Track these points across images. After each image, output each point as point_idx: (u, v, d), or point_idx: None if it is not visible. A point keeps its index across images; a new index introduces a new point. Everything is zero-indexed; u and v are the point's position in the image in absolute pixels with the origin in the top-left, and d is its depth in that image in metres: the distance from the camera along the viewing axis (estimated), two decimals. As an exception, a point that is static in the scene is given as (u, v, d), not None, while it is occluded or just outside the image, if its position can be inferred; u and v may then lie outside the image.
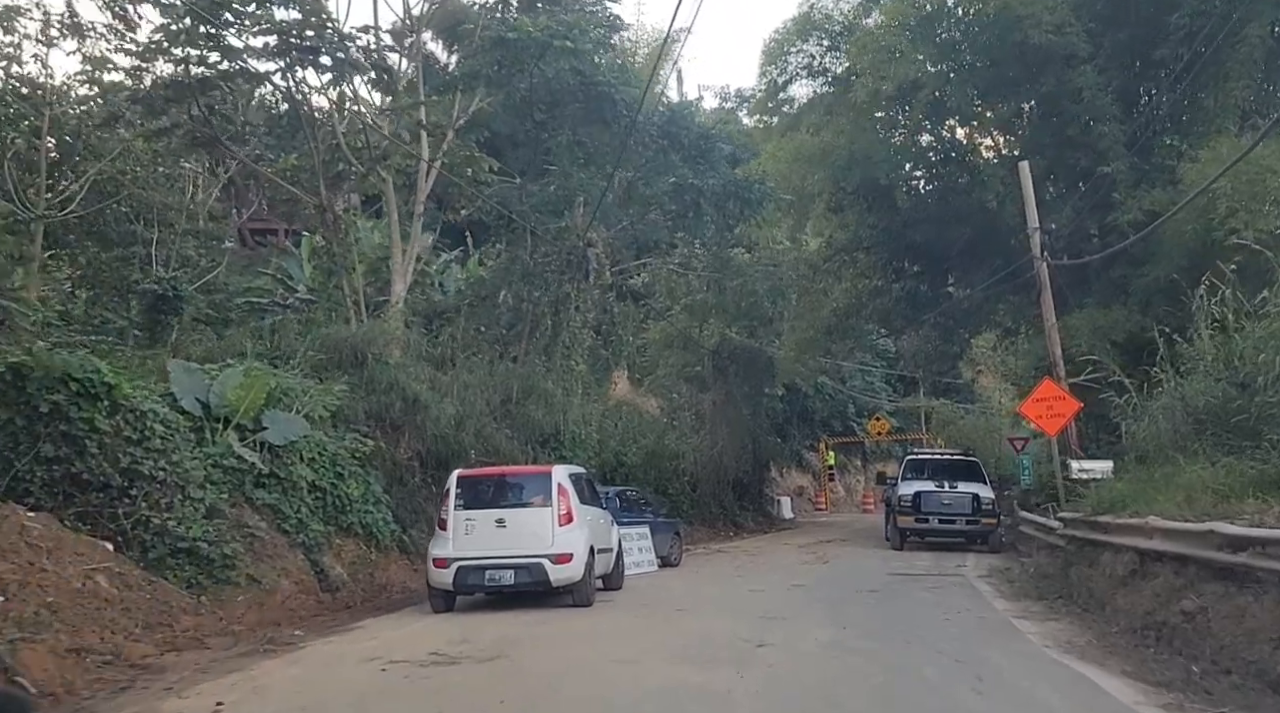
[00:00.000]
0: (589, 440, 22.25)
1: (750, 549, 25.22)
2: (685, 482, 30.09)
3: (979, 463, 25.54)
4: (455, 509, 13.54)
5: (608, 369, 41.43)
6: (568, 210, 23.16)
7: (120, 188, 22.11)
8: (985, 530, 23.17)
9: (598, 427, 25.02)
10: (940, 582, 16.77)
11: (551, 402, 21.06)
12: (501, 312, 23.32)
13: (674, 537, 20.51)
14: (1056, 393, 23.39)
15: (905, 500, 23.47)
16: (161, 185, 24.62)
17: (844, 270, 29.74)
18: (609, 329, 27.53)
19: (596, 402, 29.77)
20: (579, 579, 13.40)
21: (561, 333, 22.20)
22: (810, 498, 46.14)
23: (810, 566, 20.53)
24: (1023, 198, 24.32)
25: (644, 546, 18.97)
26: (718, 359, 31.54)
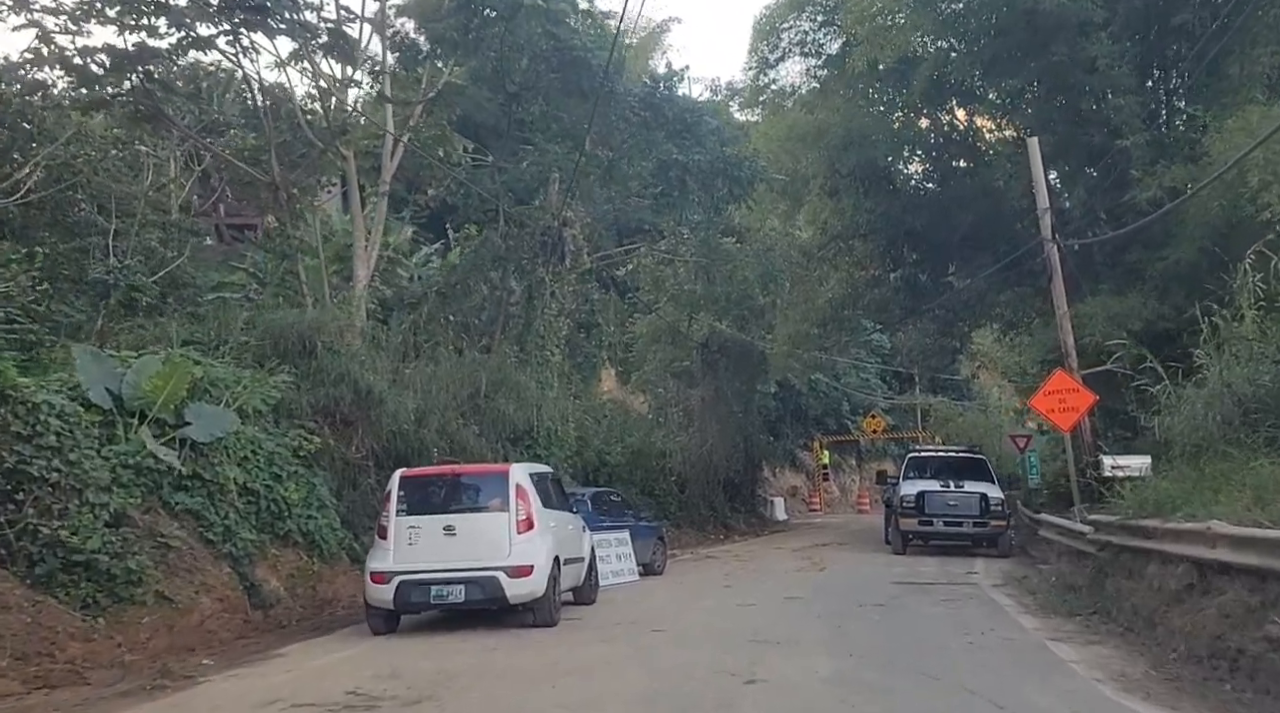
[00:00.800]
0: (566, 438, 20.27)
1: (741, 554, 23.27)
2: (673, 482, 28.16)
3: (986, 461, 23.61)
4: (397, 515, 11.57)
5: (595, 367, 39.67)
6: (542, 189, 21.19)
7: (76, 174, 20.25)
8: (994, 533, 21.25)
9: (577, 423, 23.05)
10: (952, 593, 14.83)
11: (524, 396, 19.07)
12: (474, 300, 21.36)
13: (657, 542, 18.56)
14: (1070, 385, 21.54)
15: (907, 501, 21.54)
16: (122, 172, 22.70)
17: (839, 258, 27.82)
18: (589, 319, 25.45)
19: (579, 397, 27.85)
20: (540, 595, 11.43)
21: (535, 321, 20.23)
22: (804, 498, 44.21)
23: (806, 573, 18.58)
24: (1031, 177, 22.45)
25: (623, 553, 17.01)
26: (707, 353, 29.61)
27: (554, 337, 20.43)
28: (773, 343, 30.61)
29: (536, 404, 19.22)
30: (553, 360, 20.25)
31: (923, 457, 23.81)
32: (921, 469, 23.16)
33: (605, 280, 26.97)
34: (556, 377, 20.51)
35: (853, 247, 27.74)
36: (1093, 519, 13.24)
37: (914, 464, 23.31)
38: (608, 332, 25.77)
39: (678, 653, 9.66)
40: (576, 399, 27.09)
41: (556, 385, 20.64)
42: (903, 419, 48.28)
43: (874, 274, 28.60)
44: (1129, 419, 22.49)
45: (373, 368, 17.34)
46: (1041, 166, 22.34)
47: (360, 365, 16.63)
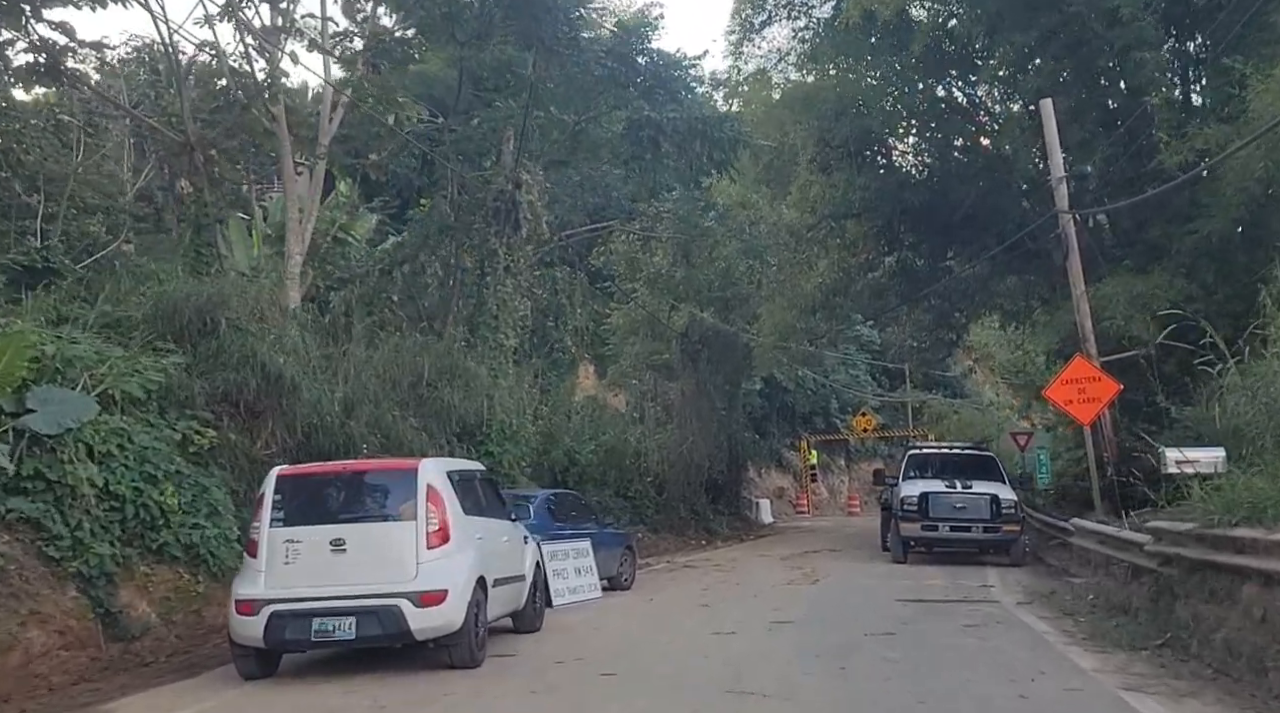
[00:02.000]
0: (523, 433, 17.51)
1: (723, 562, 20.54)
2: (649, 483, 25.42)
3: (995, 458, 20.94)
4: (272, 526, 8.79)
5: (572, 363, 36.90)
6: (495, 150, 18.39)
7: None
8: (1007, 539, 18.58)
9: (543, 419, 20.38)
10: (973, 614, 12.13)
11: (474, 384, 16.30)
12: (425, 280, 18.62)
13: (625, 552, 15.82)
14: (1090, 373, 18.95)
15: (909, 504, 18.85)
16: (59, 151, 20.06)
17: (830, 240, 25.12)
18: (554, 301, 22.58)
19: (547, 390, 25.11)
20: (458, 628, 8.67)
21: (488, 300, 17.48)
22: (791, 500, 41.49)
23: (796, 587, 15.88)
24: (1044, 143, 19.86)
25: (583, 565, 14.26)
26: (687, 344, 26.91)
27: (509, 318, 17.65)
28: (757, 333, 27.88)
29: (488, 394, 16.43)
30: (507, 344, 17.48)
31: (924, 454, 21.10)
32: (923, 468, 20.48)
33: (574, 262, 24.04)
34: (512, 363, 17.70)
35: (844, 227, 25.06)
36: (1153, 526, 10.53)
37: (915, 462, 20.61)
38: (574, 315, 22.88)
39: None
40: (544, 392, 24.40)
41: (512, 373, 17.85)
42: (893, 418, 45.66)
43: (867, 258, 25.92)
44: (1154, 411, 19.88)
45: (292, 351, 14.59)
46: (1055, 131, 19.74)
47: (270, 346, 13.84)
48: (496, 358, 17.31)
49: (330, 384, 14.83)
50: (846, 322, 29.05)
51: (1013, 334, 46.36)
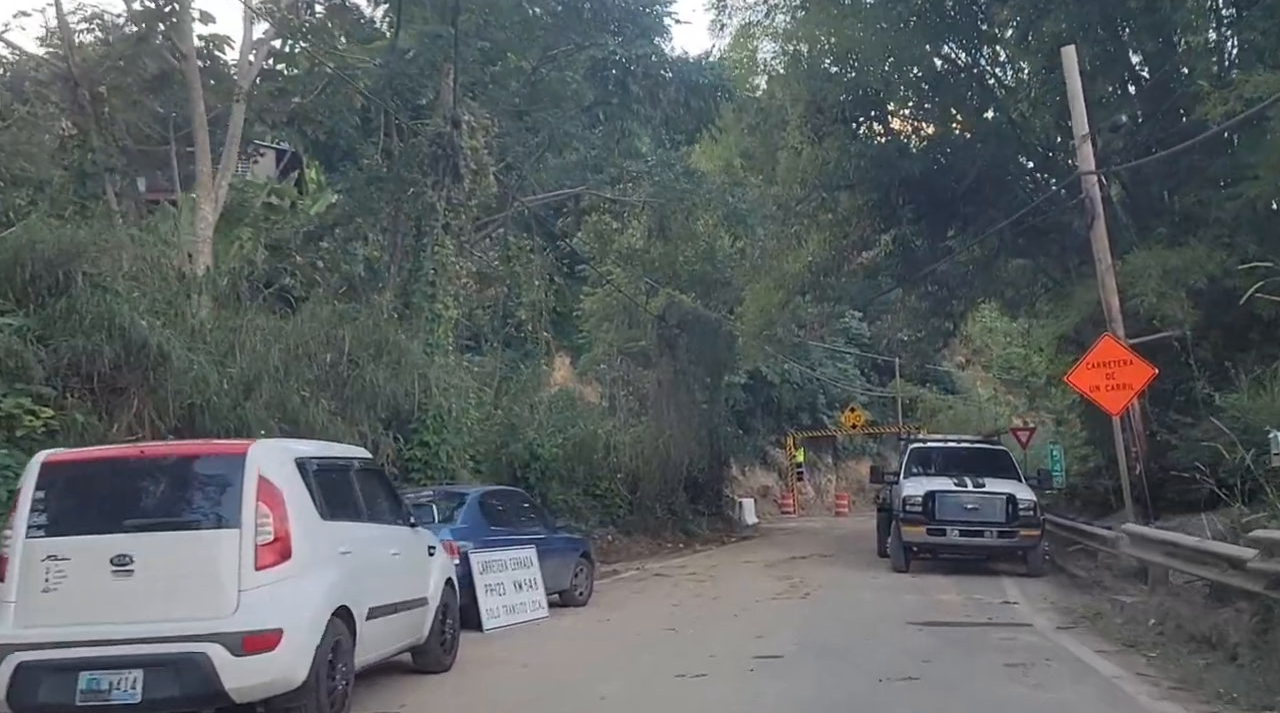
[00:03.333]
0: (465, 420, 14.69)
1: (700, 570, 17.75)
2: (620, 480, 22.64)
3: (1008, 453, 18.20)
4: (29, 536, 5.94)
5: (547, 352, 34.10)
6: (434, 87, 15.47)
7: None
8: (1025, 545, 15.84)
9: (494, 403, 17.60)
10: (1009, 645, 9.38)
11: (405, 362, 13.47)
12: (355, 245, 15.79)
13: (580, 561, 12.97)
14: (1120, 355, 16.25)
15: (913, 504, 16.09)
16: None
17: (820, 214, 22.32)
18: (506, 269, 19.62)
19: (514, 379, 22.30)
20: (298, 685, 5.85)
21: (424, 263, 14.64)
22: (776, 500, 38.72)
23: (785, 602, 13.11)
24: (1066, 96, 17.15)
25: (525, 578, 11.45)
26: (664, 329, 24.13)
27: (447, 284, 14.79)
28: (740, 317, 25.12)
29: (420, 372, 13.59)
30: (446, 315, 14.61)
31: (928, 448, 18.31)
32: (926, 464, 17.74)
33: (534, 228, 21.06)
34: (451, 336, 14.83)
35: (837, 200, 22.28)
36: (1261, 537, 7.77)
37: (917, 457, 17.85)
38: (531, 288, 19.97)
39: None
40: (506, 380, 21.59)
41: (452, 350, 14.97)
42: (882, 414, 42.96)
43: (861, 235, 23.15)
44: (1188, 400, 17.23)
45: (174, 318, 11.80)
46: (1079, 80, 17.05)
47: (143, 311, 11.02)
48: (434, 332, 14.46)
49: (224, 359, 12.03)
50: (838, 304, 26.20)
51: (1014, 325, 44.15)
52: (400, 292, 14.88)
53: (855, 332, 41.32)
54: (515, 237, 20.14)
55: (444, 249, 14.56)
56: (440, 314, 14.46)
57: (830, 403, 40.75)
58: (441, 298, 14.51)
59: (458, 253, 14.87)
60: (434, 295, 14.47)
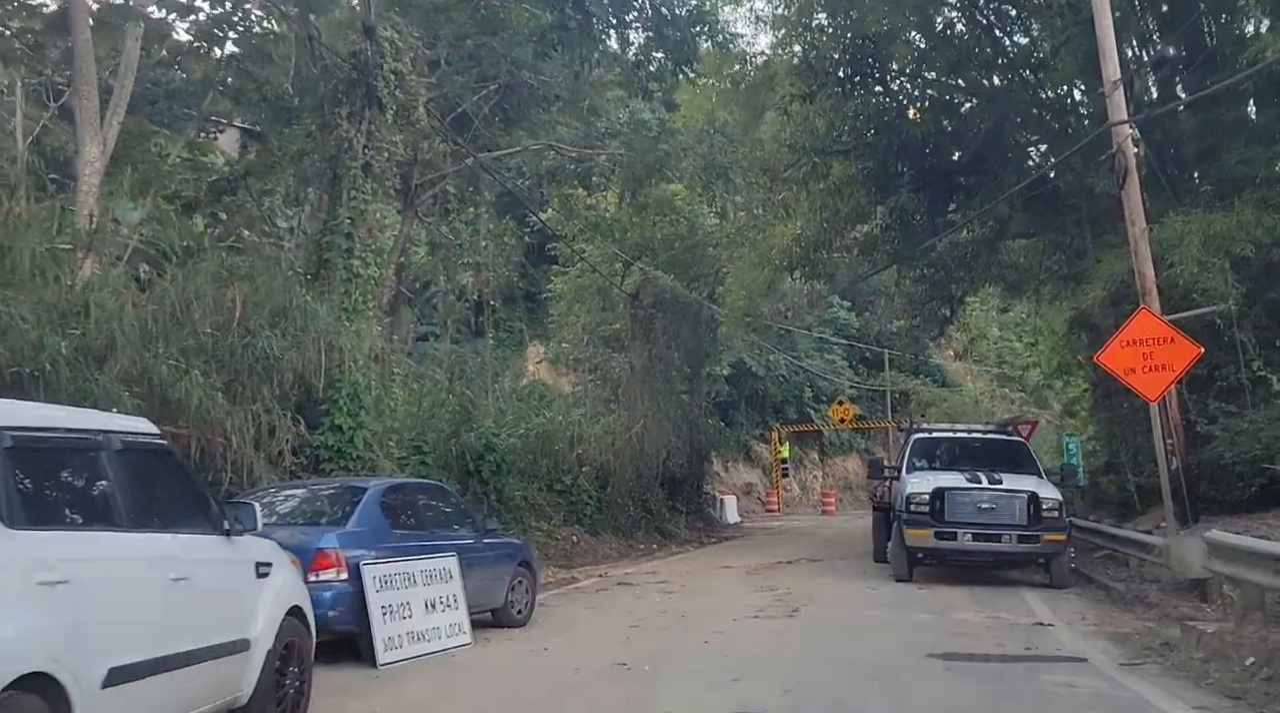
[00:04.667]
0: (390, 403, 12.03)
1: (673, 577, 15.13)
2: (588, 475, 20.06)
3: (1026, 445, 15.62)
4: None
5: (520, 343, 31.53)
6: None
7: None
8: (1049, 552, 13.28)
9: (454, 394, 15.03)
10: (1073, 695, 6.85)
11: (309, 328, 10.82)
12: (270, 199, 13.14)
13: (519, 572, 10.30)
14: (1160, 331, 13.83)
15: (918, 503, 13.51)
16: None
17: (811, 182, 19.71)
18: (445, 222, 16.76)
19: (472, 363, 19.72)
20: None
21: (340, 209, 11.97)
22: (760, 497, 36.14)
23: (769, 625, 10.53)
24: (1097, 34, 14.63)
25: (442, 596, 8.82)
26: (638, 309, 21.53)
27: (367, 236, 12.09)
28: (722, 298, 22.52)
29: (329, 343, 10.94)
30: (365, 273, 11.94)
31: (934, 439, 15.68)
32: (933, 456, 15.19)
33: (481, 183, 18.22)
34: (370, 299, 12.13)
35: (829, 166, 19.67)
36: None
37: (922, 449, 15.26)
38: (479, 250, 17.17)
39: None
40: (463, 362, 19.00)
41: (374, 316, 12.26)
42: (870, 409, 40.48)
43: (856, 206, 20.55)
44: (1231, 385, 14.78)
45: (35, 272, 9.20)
46: (1110, 18, 14.56)
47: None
48: (351, 294, 11.80)
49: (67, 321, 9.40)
50: (829, 282, 23.55)
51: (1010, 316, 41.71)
52: (315, 248, 12.20)
53: (844, 322, 38.85)
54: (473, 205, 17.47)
55: (363, 194, 11.91)
56: (358, 273, 11.79)
57: (817, 396, 38.28)
58: (360, 253, 11.85)
59: (378, 198, 12.18)
60: (350, 250, 11.80)
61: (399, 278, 16.18)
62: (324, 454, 11.42)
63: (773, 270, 20.34)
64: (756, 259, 20.27)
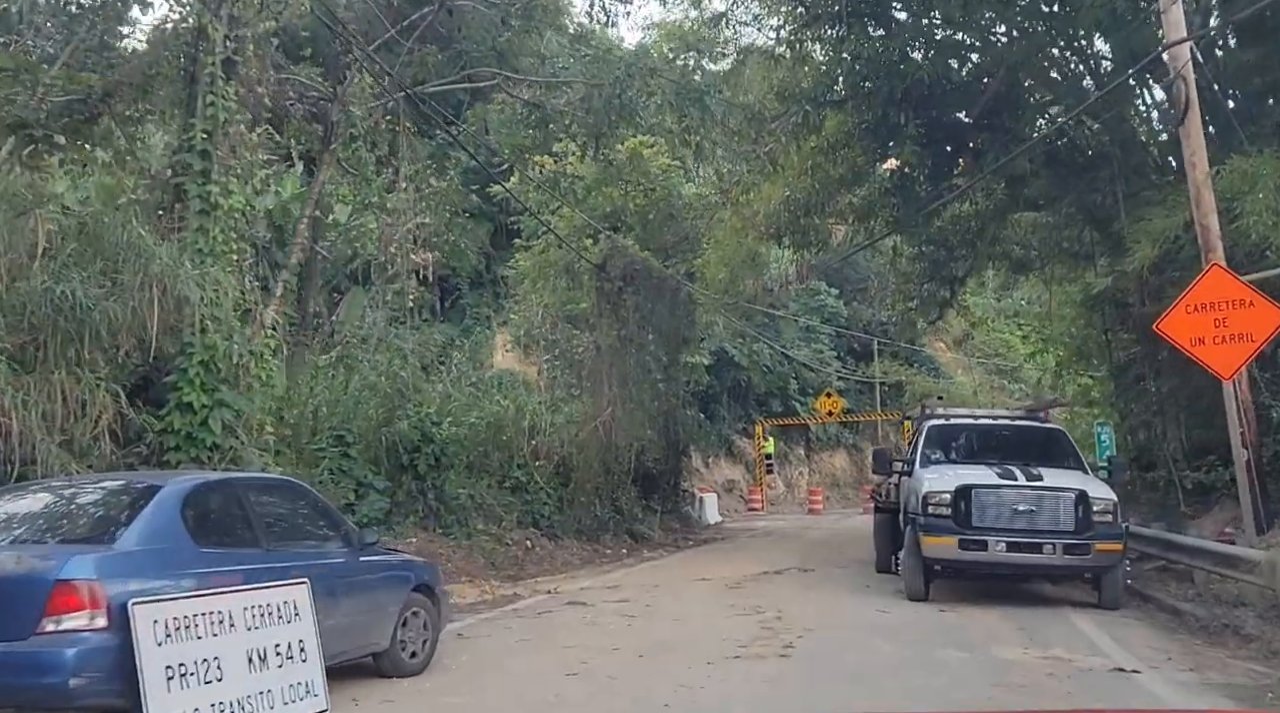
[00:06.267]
0: (261, 372, 9.04)
1: (637, 593, 12.21)
2: (546, 470, 17.16)
3: (1065, 433, 12.76)
4: None
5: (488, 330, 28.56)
6: None
7: None
8: (1101, 565, 10.43)
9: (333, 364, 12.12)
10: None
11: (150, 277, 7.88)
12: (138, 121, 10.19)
13: (412, 600, 7.35)
14: (1237, 292, 11.09)
15: (937, 504, 10.66)
16: None
17: (803, 134, 16.85)
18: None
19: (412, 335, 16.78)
20: None
21: (195, 123, 9.02)
22: (742, 495, 33.23)
23: (755, 668, 7.68)
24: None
25: (281, 643, 5.89)
26: (605, 281, 18.62)
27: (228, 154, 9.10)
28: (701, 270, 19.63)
29: (176, 294, 7.98)
30: (226, 203, 8.94)
31: (953, 426, 12.73)
32: (950, 447, 12.32)
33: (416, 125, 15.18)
34: (233, 241, 9.11)
35: (823, 118, 16.82)
36: None
37: (938, 438, 12.36)
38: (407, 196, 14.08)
39: None
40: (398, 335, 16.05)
41: (237, 259, 9.23)
42: (858, 402, 37.65)
43: (854, 165, 17.70)
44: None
45: None
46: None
47: None
48: (207, 230, 8.84)
49: None
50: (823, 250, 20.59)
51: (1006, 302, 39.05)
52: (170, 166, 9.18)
53: (832, 310, 36.04)
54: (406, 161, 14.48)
55: (223, 100, 8.98)
56: (216, 203, 8.83)
57: (803, 389, 35.39)
58: (219, 178, 8.91)
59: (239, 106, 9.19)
60: (206, 172, 8.86)
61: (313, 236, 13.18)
62: (170, 441, 8.46)
63: (757, 238, 17.46)
64: (739, 225, 17.40)
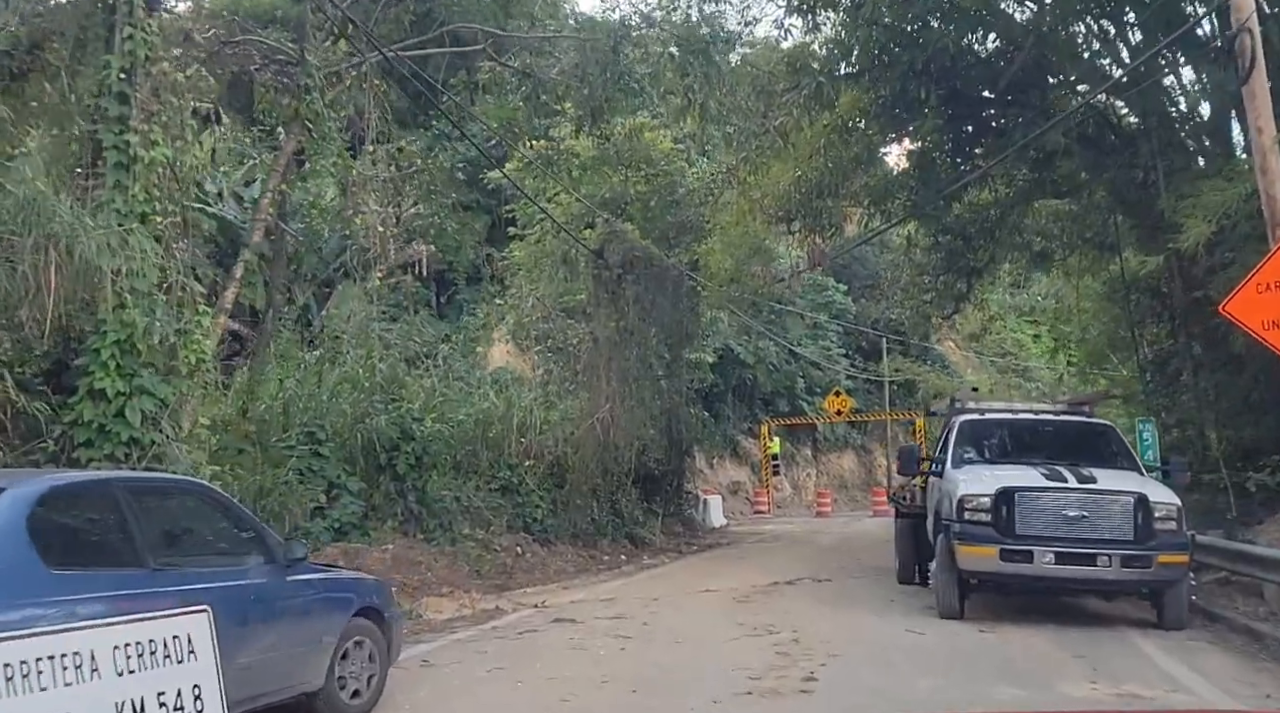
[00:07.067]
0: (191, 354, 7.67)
1: (634, 607, 10.80)
2: (539, 470, 15.79)
3: (1115, 430, 11.33)
4: None
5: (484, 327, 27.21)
6: None
7: None
8: (1165, 579, 9.00)
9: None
10: None
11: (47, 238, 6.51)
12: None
13: (355, 627, 5.99)
14: (1317, 267, 9.58)
15: (974, 508, 9.25)
16: None
17: (815, 108, 15.42)
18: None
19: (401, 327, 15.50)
20: None
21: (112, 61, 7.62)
22: (748, 497, 31.80)
23: (773, 707, 6.25)
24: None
25: (167, 690, 4.49)
26: (601, 268, 17.22)
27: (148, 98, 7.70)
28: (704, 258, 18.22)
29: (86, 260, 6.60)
30: (147, 156, 7.49)
31: (988, 421, 11.27)
32: (984, 445, 10.88)
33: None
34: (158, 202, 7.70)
35: (836, 91, 15.40)
36: None
37: (970, 435, 10.91)
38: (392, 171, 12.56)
39: None
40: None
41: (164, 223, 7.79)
42: (866, 402, 36.22)
43: (869, 144, 16.30)
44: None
45: None
46: None
47: None
48: (126, 188, 7.44)
49: None
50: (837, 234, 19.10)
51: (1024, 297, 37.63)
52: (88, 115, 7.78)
53: (840, 307, 34.64)
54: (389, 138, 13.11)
55: (143, 34, 7.59)
56: (136, 154, 7.44)
57: (810, 388, 33.98)
58: (138, 124, 7.52)
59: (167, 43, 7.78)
60: (124, 118, 7.47)
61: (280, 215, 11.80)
62: (80, 435, 7.07)
63: (766, 222, 16.03)
64: (746, 207, 15.97)
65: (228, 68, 11.79)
